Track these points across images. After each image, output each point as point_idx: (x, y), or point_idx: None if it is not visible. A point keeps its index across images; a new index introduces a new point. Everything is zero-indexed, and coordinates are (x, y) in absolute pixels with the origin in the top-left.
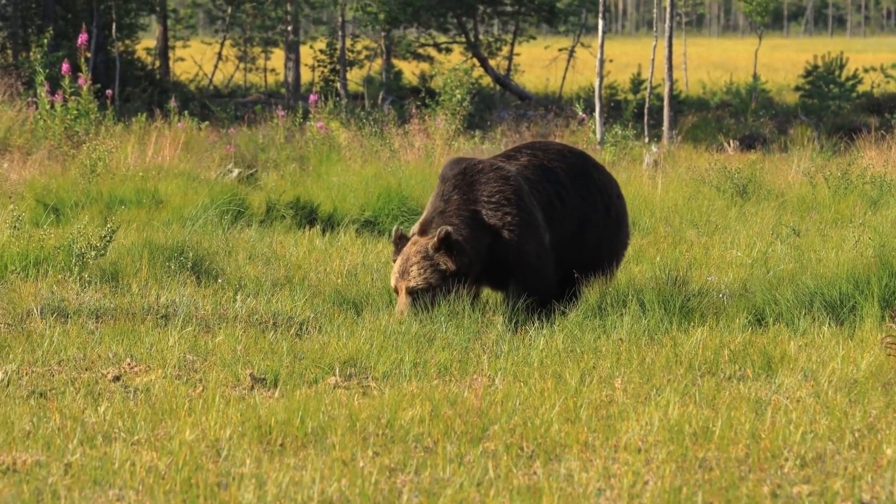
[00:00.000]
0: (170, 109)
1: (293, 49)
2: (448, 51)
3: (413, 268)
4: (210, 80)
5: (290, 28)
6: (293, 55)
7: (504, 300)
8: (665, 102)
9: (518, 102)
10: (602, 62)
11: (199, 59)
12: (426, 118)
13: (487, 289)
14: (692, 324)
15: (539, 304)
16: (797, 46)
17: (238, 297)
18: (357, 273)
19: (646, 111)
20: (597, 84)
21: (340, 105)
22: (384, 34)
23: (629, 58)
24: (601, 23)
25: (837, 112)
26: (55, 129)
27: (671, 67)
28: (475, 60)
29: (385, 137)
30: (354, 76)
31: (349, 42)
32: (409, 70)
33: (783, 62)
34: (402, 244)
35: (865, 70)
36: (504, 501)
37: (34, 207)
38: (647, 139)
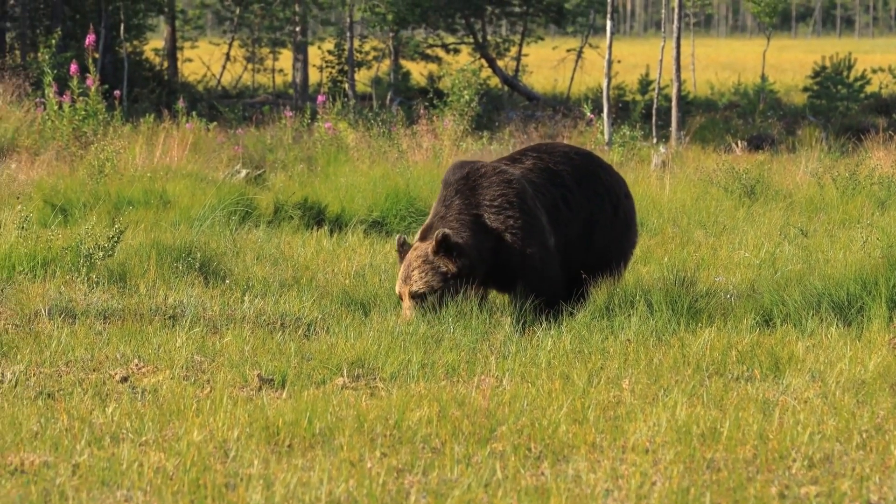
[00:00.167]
0: (178, 110)
1: (301, 50)
2: (456, 51)
3: (414, 272)
4: (218, 81)
5: (299, 29)
6: (301, 56)
7: (511, 302)
8: (673, 103)
9: (526, 103)
10: (610, 63)
11: (208, 60)
12: (434, 119)
13: (494, 291)
14: (700, 324)
15: (546, 306)
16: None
17: (246, 298)
18: (365, 274)
19: (654, 112)
20: (605, 85)
21: (348, 106)
22: (392, 35)
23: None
24: (609, 23)
25: (845, 113)
26: (63, 130)
27: (679, 68)
28: (483, 61)
29: (393, 138)
30: (362, 77)
31: (357, 43)
32: (418, 71)
33: (791, 63)
34: (406, 251)
35: (873, 71)
36: (512, 502)
37: (42, 208)
38: (655, 140)
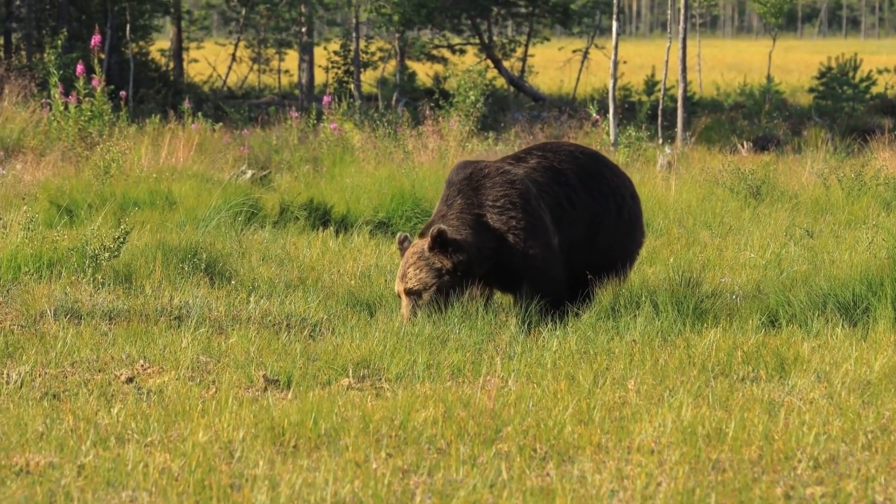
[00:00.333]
0: (183, 111)
1: (307, 50)
2: (462, 52)
3: (410, 269)
4: (224, 82)
5: (304, 29)
6: (307, 56)
7: (515, 302)
8: (679, 104)
9: (532, 104)
10: (616, 64)
11: (213, 61)
12: (440, 120)
13: (499, 292)
14: (705, 325)
15: (551, 306)
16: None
17: (251, 299)
18: (370, 274)
19: (659, 112)
20: (611, 85)
21: (354, 106)
22: (398, 35)
23: (643, 59)
24: (615, 24)
25: (851, 113)
26: (69, 131)
27: (685, 69)
28: (489, 62)
29: (399, 139)
30: (368, 77)
31: (363, 43)
32: (423, 71)
33: (797, 63)
34: (406, 249)
35: (879, 71)
36: (517, 503)
37: (48, 209)
38: (661, 140)
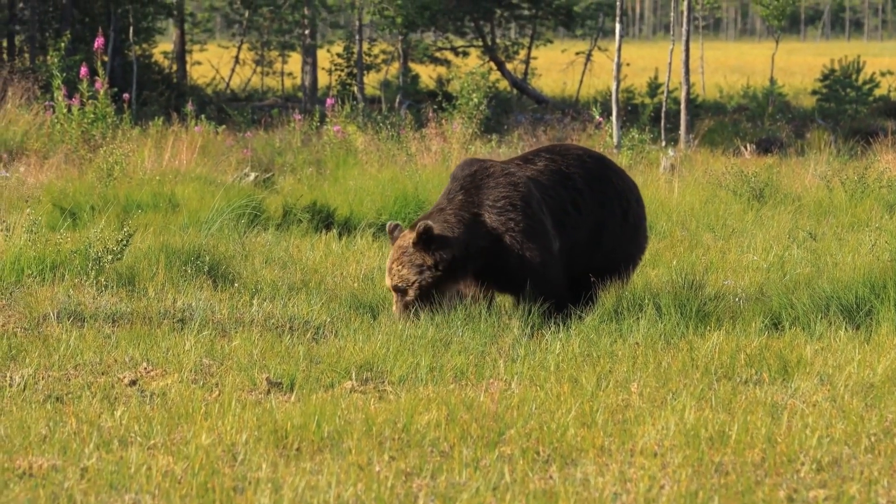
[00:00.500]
0: (187, 113)
1: (310, 53)
2: (465, 54)
3: (394, 265)
4: (227, 84)
5: (308, 32)
6: (310, 59)
7: (516, 304)
8: (682, 106)
9: (535, 106)
10: (619, 66)
11: (217, 63)
12: (443, 122)
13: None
14: (708, 328)
15: (553, 309)
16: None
17: (254, 302)
18: (373, 277)
19: (663, 115)
20: (614, 88)
21: (357, 109)
22: (401, 38)
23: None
24: (618, 27)
25: (854, 116)
26: (72, 133)
27: (688, 71)
28: (492, 64)
29: (402, 141)
30: (371, 80)
31: (366, 46)
32: (426, 74)
33: (800, 66)
34: (396, 238)
35: (882, 74)
36: None
37: (51, 211)
38: (664, 143)
